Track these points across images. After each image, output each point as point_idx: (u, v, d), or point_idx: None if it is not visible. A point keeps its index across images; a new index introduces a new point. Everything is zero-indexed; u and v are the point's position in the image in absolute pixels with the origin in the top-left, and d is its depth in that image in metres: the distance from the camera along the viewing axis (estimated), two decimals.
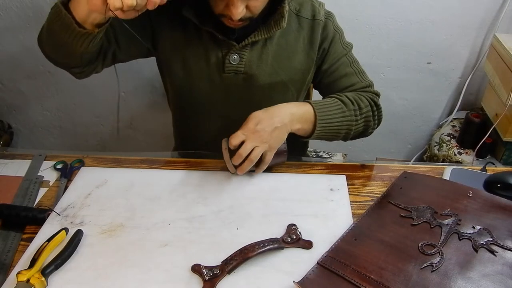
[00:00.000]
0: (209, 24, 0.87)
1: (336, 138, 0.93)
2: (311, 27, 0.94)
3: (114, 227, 0.76)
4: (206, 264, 0.68)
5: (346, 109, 0.90)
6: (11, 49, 1.76)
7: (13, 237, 0.75)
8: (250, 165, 0.82)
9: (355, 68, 0.99)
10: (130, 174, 0.91)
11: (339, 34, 0.98)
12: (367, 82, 0.99)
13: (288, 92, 0.98)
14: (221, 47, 0.91)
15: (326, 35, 0.96)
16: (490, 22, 1.60)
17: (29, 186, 0.87)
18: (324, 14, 0.95)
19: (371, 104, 0.95)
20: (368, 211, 0.78)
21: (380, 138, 1.95)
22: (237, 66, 0.92)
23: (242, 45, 0.90)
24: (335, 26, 0.97)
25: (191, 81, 0.95)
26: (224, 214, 0.79)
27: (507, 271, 0.61)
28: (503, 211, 0.73)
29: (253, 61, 0.92)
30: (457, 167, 0.92)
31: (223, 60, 0.92)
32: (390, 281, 0.61)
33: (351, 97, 0.92)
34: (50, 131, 2.03)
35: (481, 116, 1.59)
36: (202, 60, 0.93)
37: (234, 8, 0.78)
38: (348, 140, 0.96)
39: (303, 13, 0.94)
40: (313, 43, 0.95)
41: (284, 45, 0.94)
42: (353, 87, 0.97)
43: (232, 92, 0.95)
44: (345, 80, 0.98)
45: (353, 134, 0.94)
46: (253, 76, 0.93)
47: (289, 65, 0.95)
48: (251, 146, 0.80)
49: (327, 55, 0.97)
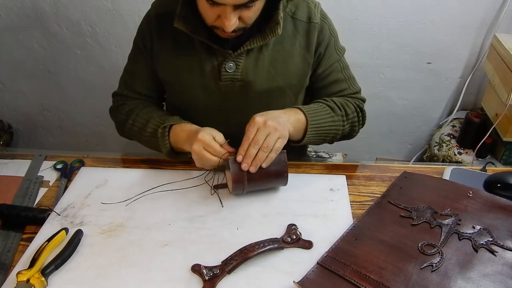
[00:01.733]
0: (202, 34, 0.86)
1: (323, 142, 0.97)
2: (307, 30, 0.93)
3: (114, 227, 0.76)
4: (206, 264, 0.68)
5: (334, 114, 0.93)
6: (11, 49, 1.76)
7: (13, 237, 0.75)
8: (264, 156, 0.78)
9: (346, 74, 1.00)
10: (130, 174, 0.91)
11: (334, 38, 0.97)
12: (355, 88, 1.02)
13: (285, 96, 0.98)
14: (216, 56, 0.90)
15: (322, 39, 0.94)
16: (490, 22, 1.60)
17: (29, 186, 0.87)
18: (320, 17, 0.94)
19: (357, 110, 0.99)
20: (368, 211, 0.78)
21: (380, 138, 1.95)
22: (233, 74, 0.91)
23: (237, 53, 0.89)
24: (331, 30, 0.96)
25: (187, 92, 0.95)
26: (224, 214, 0.79)
27: (507, 271, 0.61)
28: (503, 211, 0.73)
29: (250, 68, 0.91)
30: (457, 167, 0.92)
31: (219, 69, 0.90)
32: (390, 281, 0.61)
33: (338, 103, 0.95)
34: (50, 131, 2.04)
35: (481, 116, 1.59)
36: (197, 70, 0.92)
37: (226, 20, 0.77)
38: (333, 143, 1.00)
39: (299, 15, 0.92)
40: (310, 47, 0.94)
41: (280, 50, 0.92)
42: (341, 93, 1.00)
43: (229, 99, 0.94)
44: (335, 86, 0.99)
45: (338, 138, 0.99)
46: (250, 82, 0.92)
47: (285, 70, 0.94)
48: (264, 134, 0.78)
49: (322, 59, 0.97)
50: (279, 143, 0.79)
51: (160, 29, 0.92)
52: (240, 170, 0.78)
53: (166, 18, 0.89)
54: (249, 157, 0.77)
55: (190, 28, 0.85)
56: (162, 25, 0.91)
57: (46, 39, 1.72)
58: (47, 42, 1.73)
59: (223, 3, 0.74)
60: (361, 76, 1.70)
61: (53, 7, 1.64)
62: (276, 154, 0.79)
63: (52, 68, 1.81)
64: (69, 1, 1.62)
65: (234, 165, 0.78)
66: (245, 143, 0.78)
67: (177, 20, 0.84)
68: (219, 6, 0.75)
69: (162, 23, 0.91)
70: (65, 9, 1.64)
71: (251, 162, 0.77)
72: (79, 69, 1.80)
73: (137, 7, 1.60)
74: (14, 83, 1.87)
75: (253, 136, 0.78)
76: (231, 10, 0.76)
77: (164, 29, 0.91)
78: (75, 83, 1.85)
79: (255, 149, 0.77)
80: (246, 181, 0.79)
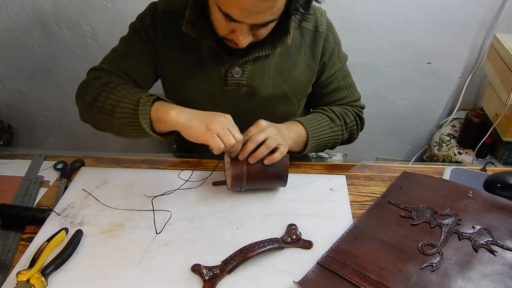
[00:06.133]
0: (210, 39, 0.85)
1: (322, 151, 1.01)
2: (313, 39, 0.93)
3: (114, 227, 0.76)
4: (206, 264, 0.68)
5: (334, 124, 0.95)
6: (11, 49, 1.76)
7: (13, 237, 0.75)
8: (266, 151, 0.78)
9: (347, 82, 1.01)
10: (130, 174, 0.91)
11: (337, 47, 0.98)
12: (355, 96, 1.02)
13: (290, 103, 0.98)
14: (223, 61, 0.89)
15: (327, 48, 0.95)
16: (490, 22, 1.60)
17: (29, 186, 0.87)
18: (326, 26, 0.94)
19: (356, 119, 1.00)
20: (368, 211, 0.78)
21: (380, 138, 1.95)
22: (239, 79, 0.90)
23: (244, 60, 0.88)
24: (335, 38, 0.97)
25: (192, 95, 0.94)
26: (224, 214, 0.79)
27: (507, 271, 0.61)
28: (503, 211, 0.73)
29: (256, 74, 0.91)
30: (457, 167, 0.92)
31: (225, 74, 0.90)
32: (390, 281, 0.61)
33: (338, 113, 0.97)
34: (50, 131, 2.03)
35: (481, 116, 1.59)
36: (203, 75, 0.91)
37: (242, 37, 0.76)
38: (333, 149, 1.02)
39: (305, 24, 0.92)
40: (315, 56, 0.94)
41: (286, 57, 0.92)
42: (342, 101, 1.01)
43: (234, 104, 0.94)
44: (336, 94, 1.00)
45: (337, 145, 1.01)
46: (255, 88, 0.92)
47: (290, 77, 0.94)
48: (265, 136, 0.79)
49: (326, 68, 0.97)
50: (283, 148, 0.80)
51: (166, 27, 0.90)
52: (239, 167, 0.78)
53: (174, 17, 0.87)
54: (245, 151, 0.78)
55: (198, 33, 0.84)
56: (169, 24, 0.89)
57: (46, 39, 1.72)
58: (47, 42, 1.73)
59: (242, 21, 0.73)
60: (361, 76, 1.72)
61: (53, 7, 1.64)
62: (281, 156, 0.80)
63: (52, 68, 1.81)
64: (69, 1, 1.62)
65: (234, 161, 0.78)
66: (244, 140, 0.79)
67: (185, 24, 0.83)
68: (237, 23, 0.74)
69: (169, 21, 0.89)
70: (65, 9, 1.64)
71: (247, 154, 0.78)
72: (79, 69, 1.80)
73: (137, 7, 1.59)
74: (14, 83, 1.87)
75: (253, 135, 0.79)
76: (247, 28, 0.75)
77: (170, 28, 0.89)
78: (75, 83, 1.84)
79: (253, 145, 0.78)
80: (245, 179, 0.79)
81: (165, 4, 0.90)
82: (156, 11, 0.90)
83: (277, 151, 0.79)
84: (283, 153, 0.80)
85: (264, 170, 0.80)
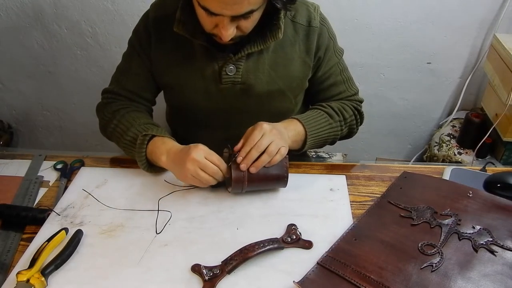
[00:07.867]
0: (202, 38, 0.85)
1: (322, 147, 0.99)
2: (307, 34, 0.93)
3: (114, 227, 0.76)
4: (206, 264, 0.68)
5: (332, 120, 0.95)
6: (11, 49, 1.76)
7: (13, 237, 0.75)
8: (267, 159, 0.78)
9: (344, 76, 1.01)
10: (130, 174, 0.91)
11: (333, 41, 0.97)
12: (353, 90, 1.02)
13: (286, 99, 0.98)
14: (216, 59, 0.89)
15: (321, 43, 0.94)
16: (490, 22, 1.60)
17: (29, 186, 0.87)
18: (319, 20, 0.94)
19: (354, 113, 1.00)
20: (368, 211, 0.78)
21: (380, 138, 1.95)
22: (234, 76, 0.91)
23: (238, 57, 0.88)
24: (329, 33, 0.96)
25: (188, 95, 0.95)
26: (224, 214, 0.79)
27: (507, 271, 0.61)
28: (503, 211, 0.73)
29: (250, 71, 0.91)
30: (457, 167, 0.92)
31: (220, 72, 0.90)
32: (390, 281, 0.61)
33: (336, 108, 0.96)
34: (50, 131, 2.03)
35: (481, 116, 1.59)
36: (198, 73, 0.91)
37: (223, 30, 0.76)
38: (333, 144, 1.02)
39: (299, 19, 0.92)
40: (309, 51, 0.94)
41: (280, 53, 0.92)
42: (339, 96, 1.01)
43: (230, 102, 0.94)
44: (333, 88, 1.00)
45: (337, 140, 1.01)
46: (250, 85, 0.92)
47: (286, 73, 0.94)
48: (269, 140, 0.79)
49: (322, 63, 0.97)
50: (284, 150, 0.80)
51: (159, 32, 0.91)
52: (241, 171, 0.78)
53: (166, 21, 0.89)
54: (250, 159, 0.78)
55: (190, 32, 0.85)
56: (162, 29, 0.91)
57: (46, 39, 1.72)
58: (47, 42, 1.73)
59: (220, 13, 0.73)
60: (361, 76, 1.72)
61: (53, 7, 1.64)
62: (281, 157, 0.80)
63: (52, 68, 1.81)
64: (69, 1, 1.62)
65: (235, 166, 0.78)
66: (247, 146, 0.78)
67: (176, 25, 0.84)
68: (217, 16, 0.75)
69: (162, 26, 0.90)
70: (65, 9, 1.64)
71: (250, 163, 0.78)
72: (79, 69, 1.80)
73: (137, 7, 1.60)
74: (14, 83, 1.87)
75: (257, 140, 0.78)
76: (228, 21, 0.75)
77: (163, 32, 0.91)
78: (75, 83, 1.85)
79: (257, 152, 0.78)
80: (246, 182, 0.79)
81: (156, 10, 0.92)
82: (148, 19, 0.92)
83: (278, 153, 0.80)
84: (283, 154, 0.80)
85: (265, 172, 0.80)
